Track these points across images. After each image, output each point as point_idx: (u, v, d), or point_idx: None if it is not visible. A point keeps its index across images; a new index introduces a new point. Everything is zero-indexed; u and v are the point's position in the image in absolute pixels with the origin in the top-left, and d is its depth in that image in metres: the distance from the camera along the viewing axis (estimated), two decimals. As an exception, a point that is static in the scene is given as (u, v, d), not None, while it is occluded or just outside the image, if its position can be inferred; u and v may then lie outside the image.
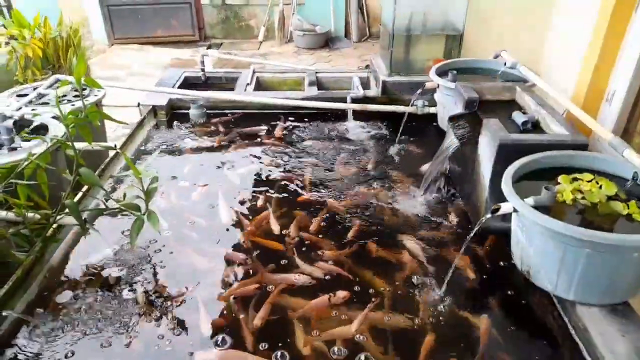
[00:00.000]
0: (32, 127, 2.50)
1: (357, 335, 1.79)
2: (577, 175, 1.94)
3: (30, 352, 1.71)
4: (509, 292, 2.02)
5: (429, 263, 2.17)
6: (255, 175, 2.89)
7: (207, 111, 3.58)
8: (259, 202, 2.61)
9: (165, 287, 2.04)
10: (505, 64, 3.06)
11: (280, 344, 1.76)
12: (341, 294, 1.98)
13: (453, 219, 2.50)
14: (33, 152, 2.03)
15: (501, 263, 2.16)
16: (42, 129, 2.51)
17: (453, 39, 3.67)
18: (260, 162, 3.04)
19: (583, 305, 1.76)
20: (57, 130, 2.45)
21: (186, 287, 2.03)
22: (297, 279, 2.06)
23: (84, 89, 2.92)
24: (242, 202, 2.63)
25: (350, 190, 2.73)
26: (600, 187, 1.87)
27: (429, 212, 2.54)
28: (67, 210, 1.94)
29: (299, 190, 2.72)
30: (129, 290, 2.00)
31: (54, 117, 2.56)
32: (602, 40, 2.98)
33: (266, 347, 1.75)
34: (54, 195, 2.01)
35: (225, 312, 1.92)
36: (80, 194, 2.38)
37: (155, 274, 2.11)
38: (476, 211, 2.40)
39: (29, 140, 2.37)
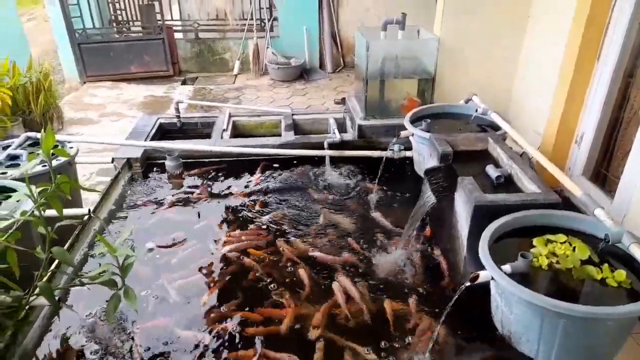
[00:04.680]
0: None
1: None
2: (551, 237, 1.98)
3: None
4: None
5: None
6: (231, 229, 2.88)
7: (184, 161, 3.55)
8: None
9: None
10: (477, 110, 3.13)
11: None
12: None
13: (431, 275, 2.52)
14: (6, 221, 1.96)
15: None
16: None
17: (426, 82, 3.73)
18: (238, 215, 3.02)
19: (565, 370, 1.78)
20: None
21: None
22: None
23: (54, 156, 2.85)
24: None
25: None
26: (574, 249, 1.91)
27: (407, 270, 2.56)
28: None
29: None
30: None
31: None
32: (568, 87, 3.08)
33: None
34: (25, 267, 1.94)
35: None
36: (50, 272, 2.29)
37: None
38: (455, 267, 2.42)
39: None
